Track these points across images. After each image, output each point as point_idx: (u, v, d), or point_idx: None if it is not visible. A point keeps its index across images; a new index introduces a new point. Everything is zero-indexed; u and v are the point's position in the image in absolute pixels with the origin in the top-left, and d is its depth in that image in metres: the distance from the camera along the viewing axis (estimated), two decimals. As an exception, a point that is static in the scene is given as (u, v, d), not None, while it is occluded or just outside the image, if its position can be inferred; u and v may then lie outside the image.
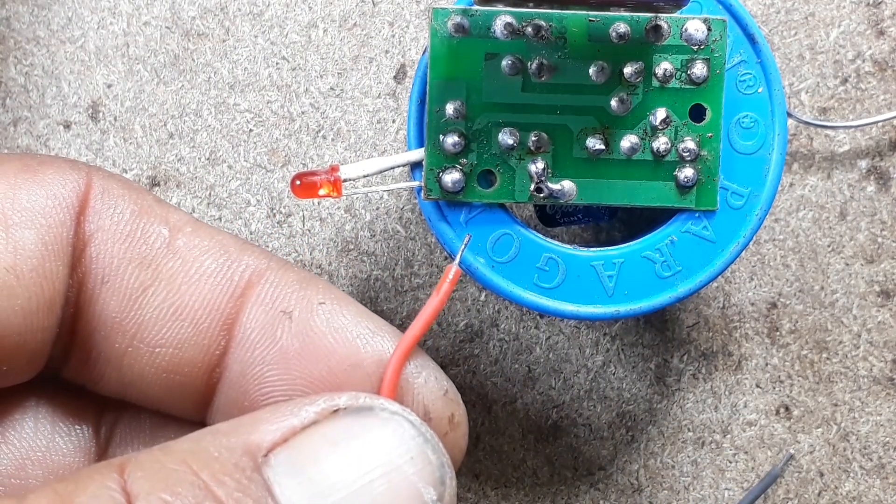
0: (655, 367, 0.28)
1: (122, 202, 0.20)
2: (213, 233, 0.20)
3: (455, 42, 0.22)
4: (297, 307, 0.20)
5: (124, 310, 0.19)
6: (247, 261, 0.20)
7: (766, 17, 0.27)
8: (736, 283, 0.27)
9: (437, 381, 0.20)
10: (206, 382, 0.20)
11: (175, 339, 0.20)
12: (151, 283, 0.20)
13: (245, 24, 0.28)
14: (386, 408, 0.18)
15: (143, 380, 0.20)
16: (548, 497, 0.28)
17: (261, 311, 0.20)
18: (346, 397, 0.18)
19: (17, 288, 0.18)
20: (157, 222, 0.20)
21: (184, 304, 0.20)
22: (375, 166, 0.22)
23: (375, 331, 0.20)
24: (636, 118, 0.22)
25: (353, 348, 0.20)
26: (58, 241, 0.19)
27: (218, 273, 0.20)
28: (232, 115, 0.27)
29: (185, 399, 0.20)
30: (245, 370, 0.20)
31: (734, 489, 0.27)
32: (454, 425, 0.20)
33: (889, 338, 0.27)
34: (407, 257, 0.27)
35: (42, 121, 0.27)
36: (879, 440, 0.27)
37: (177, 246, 0.20)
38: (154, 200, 0.20)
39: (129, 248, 0.20)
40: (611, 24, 0.22)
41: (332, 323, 0.20)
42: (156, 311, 0.20)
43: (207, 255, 0.20)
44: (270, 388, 0.20)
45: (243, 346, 0.20)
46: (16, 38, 0.28)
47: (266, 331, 0.20)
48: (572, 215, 0.25)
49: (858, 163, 0.27)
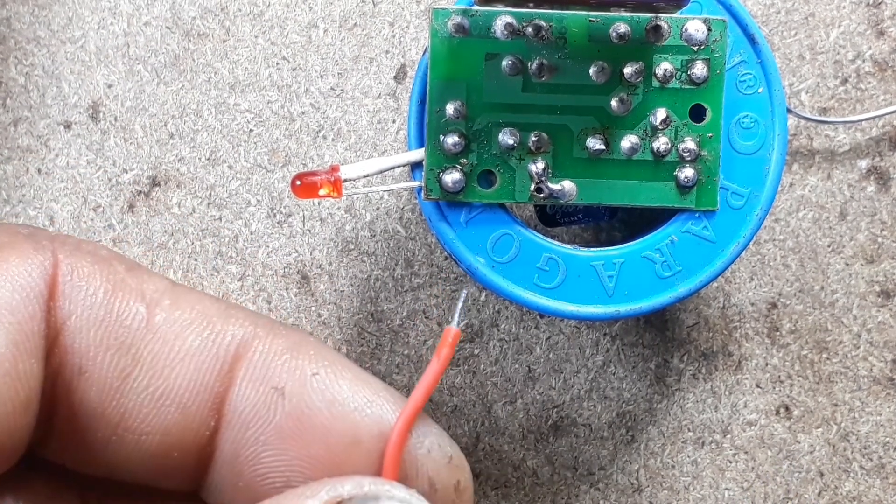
0: (655, 367, 0.28)
1: (94, 281, 0.18)
2: (192, 301, 0.19)
3: (455, 42, 0.22)
4: (289, 381, 0.19)
5: (105, 399, 0.18)
6: (232, 331, 0.19)
7: (766, 18, 0.27)
8: (736, 283, 0.27)
9: (441, 449, 0.19)
10: (197, 462, 0.19)
11: (162, 426, 0.19)
12: (132, 370, 0.18)
13: (245, 25, 0.28)
14: (393, 496, 0.17)
15: (129, 464, 0.19)
16: (548, 497, 0.28)
17: (251, 388, 0.19)
18: (350, 485, 0.17)
19: None
20: (133, 299, 0.19)
21: (168, 388, 0.18)
22: (376, 166, 0.22)
23: (373, 399, 0.19)
24: (636, 118, 0.22)
25: (351, 423, 0.19)
26: (29, 337, 0.17)
27: (202, 350, 0.19)
28: (232, 115, 0.28)
29: (175, 478, 0.19)
30: (238, 451, 0.19)
31: (734, 489, 0.27)
32: (460, 492, 0.20)
33: (889, 338, 0.27)
34: (407, 257, 0.27)
35: (42, 121, 0.27)
36: (879, 440, 0.27)
37: (156, 324, 0.19)
38: (126, 271, 0.19)
39: (104, 333, 0.18)
40: (611, 24, 0.22)
41: (327, 396, 0.19)
42: (139, 398, 0.18)
43: (189, 329, 0.19)
44: (266, 470, 0.19)
45: (234, 427, 0.19)
46: (16, 39, 0.28)
47: (258, 410, 0.19)
48: (572, 215, 0.25)
49: (858, 163, 0.27)
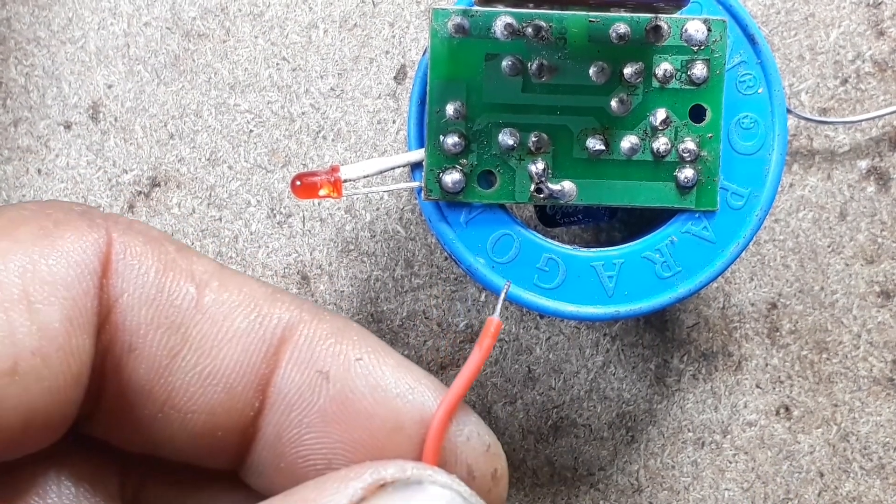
0: (655, 368, 0.28)
1: (146, 261, 0.19)
2: (240, 283, 0.19)
3: (455, 42, 0.22)
4: (334, 365, 0.19)
5: (153, 377, 0.19)
6: (278, 314, 0.19)
7: (766, 18, 0.27)
8: (736, 283, 0.27)
9: (480, 438, 0.20)
10: (240, 442, 0.19)
11: (207, 405, 0.19)
12: (181, 349, 0.19)
13: (245, 25, 0.28)
14: (436, 480, 0.17)
15: (172, 442, 0.19)
16: (548, 497, 0.28)
17: (295, 371, 0.19)
18: (393, 469, 0.17)
19: (44, 370, 0.17)
20: (183, 279, 0.19)
21: (216, 368, 0.19)
22: (375, 167, 0.22)
23: (415, 386, 0.19)
24: (636, 119, 0.22)
25: (393, 409, 0.19)
26: (83, 313, 0.18)
27: (249, 332, 0.19)
28: (232, 115, 0.28)
29: (216, 457, 0.20)
30: (281, 433, 0.19)
31: (734, 489, 0.27)
32: (497, 480, 0.20)
33: (889, 338, 0.27)
34: (407, 258, 0.27)
35: (42, 121, 0.28)
36: (879, 440, 0.27)
37: (205, 304, 0.19)
38: (177, 251, 0.19)
39: (155, 312, 0.19)
40: (611, 24, 0.22)
41: (370, 381, 0.19)
42: (187, 377, 0.19)
43: (237, 311, 0.19)
44: (308, 452, 0.19)
45: (278, 409, 0.19)
46: (16, 39, 0.28)
47: (302, 393, 0.19)
48: (572, 216, 0.25)
49: (858, 163, 0.27)
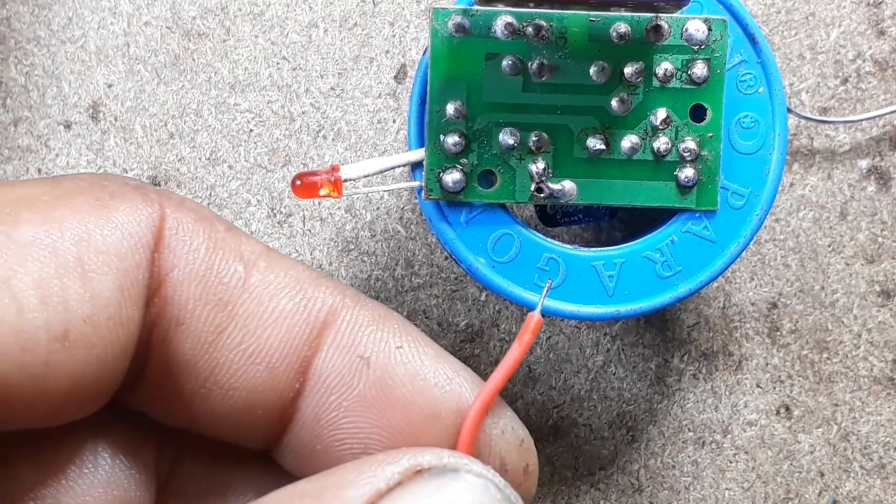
0: (656, 367, 0.28)
1: (197, 237, 0.19)
2: (286, 266, 0.20)
3: (455, 42, 0.22)
4: (374, 351, 0.19)
5: (199, 352, 0.19)
6: (322, 297, 0.20)
7: (766, 17, 0.27)
8: (736, 283, 0.27)
9: (514, 432, 0.20)
10: (278, 422, 0.20)
11: (249, 383, 0.19)
12: (227, 326, 0.19)
13: (245, 24, 0.28)
14: (472, 469, 0.17)
15: (212, 417, 0.20)
16: (548, 497, 0.28)
17: (337, 355, 0.19)
18: (430, 456, 0.17)
19: (94, 338, 0.17)
20: (232, 258, 0.19)
21: (259, 348, 0.19)
22: (376, 166, 0.22)
23: (453, 377, 0.20)
24: (637, 118, 0.22)
25: (431, 398, 0.19)
26: (134, 285, 0.18)
27: (294, 313, 0.19)
28: (232, 115, 0.27)
29: (253, 435, 0.20)
30: (319, 415, 0.20)
31: (734, 489, 0.27)
32: (528, 474, 0.20)
33: (889, 338, 0.27)
34: (407, 257, 0.27)
35: (42, 121, 0.27)
36: (880, 440, 0.27)
37: (252, 284, 0.19)
38: (226, 230, 0.20)
39: (204, 288, 0.19)
40: (611, 24, 0.22)
41: (410, 369, 0.19)
42: (231, 354, 0.19)
43: (283, 293, 0.19)
44: (345, 436, 0.19)
45: (318, 391, 0.19)
46: (16, 38, 0.28)
47: (342, 377, 0.19)
48: (573, 215, 0.25)
49: (858, 163, 0.27)
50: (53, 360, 0.17)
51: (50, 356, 0.17)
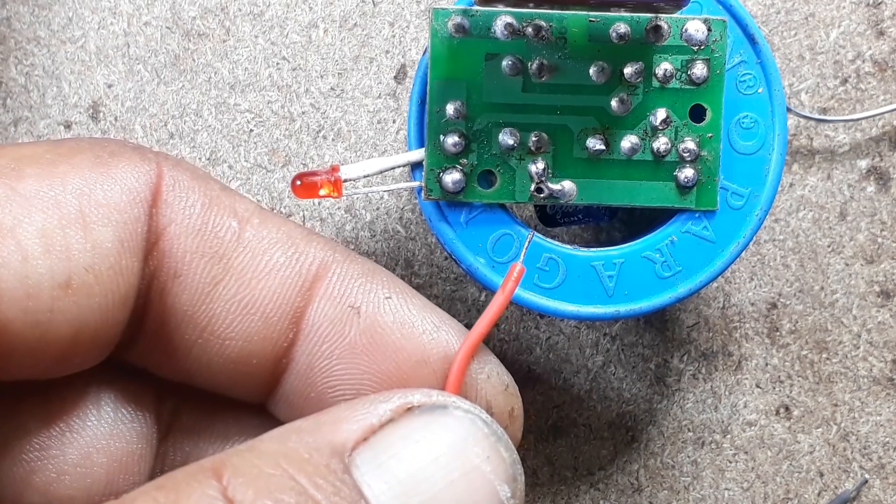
0: (655, 368, 0.28)
1: (193, 194, 0.20)
2: (279, 223, 0.20)
3: (455, 42, 0.22)
4: (364, 301, 0.20)
5: (196, 303, 0.20)
6: (314, 252, 0.20)
7: (766, 18, 0.27)
8: (736, 283, 0.27)
9: (499, 377, 0.21)
10: (272, 372, 0.20)
11: (244, 333, 0.20)
12: (222, 278, 0.20)
13: (245, 25, 0.28)
14: (459, 406, 0.18)
15: (209, 368, 0.20)
16: (548, 497, 0.28)
17: (328, 305, 0.20)
18: (420, 395, 0.18)
19: (95, 287, 0.18)
20: (227, 214, 0.20)
21: (254, 299, 0.20)
22: (376, 166, 0.22)
23: (440, 325, 0.20)
24: (636, 118, 0.22)
25: (419, 344, 0.20)
26: (133, 237, 0.19)
27: (287, 266, 0.20)
28: (232, 115, 0.28)
29: (249, 386, 0.21)
30: (312, 363, 0.20)
31: (734, 489, 0.27)
32: (514, 418, 0.21)
33: (889, 338, 0.27)
34: (407, 257, 0.27)
35: (43, 121, 0.28)
36: (879, 440, 0.27)
37: (246, 238, 0.20)
38: (220, 189, 0.20)
39: (200, 242, 0.20)
40: (611, 24, 0.22)
41: (398, 318, 0.20)
42: (227, 305, 0.20)
43: (276, 247, 0.20)
44: (338, 382, 0.20)
45: (311, 340, 0.20)
46: (16, 39, 0.28)
47: (334, 326, 0.20)
48: (572, 215, 0.25)
49: (858, 163, 0.27)
50: (57, 307, 0.18)
51: (53, 303, 0.18)
